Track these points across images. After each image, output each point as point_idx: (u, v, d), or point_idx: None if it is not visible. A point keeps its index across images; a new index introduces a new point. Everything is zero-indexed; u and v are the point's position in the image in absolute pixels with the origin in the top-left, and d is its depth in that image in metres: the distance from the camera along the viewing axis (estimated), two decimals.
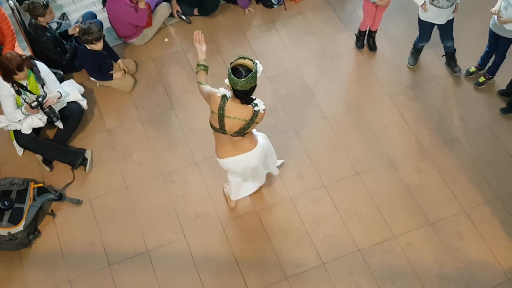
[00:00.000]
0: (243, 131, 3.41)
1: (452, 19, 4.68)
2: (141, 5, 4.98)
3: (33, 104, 4.21)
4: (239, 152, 3.61)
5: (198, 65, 3.56)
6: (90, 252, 4.20)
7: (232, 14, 5.59)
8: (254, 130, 3.65)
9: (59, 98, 4.37)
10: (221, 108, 3.32)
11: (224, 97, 3.32)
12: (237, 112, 3.33)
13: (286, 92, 5.01)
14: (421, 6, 4.57)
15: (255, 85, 3.24)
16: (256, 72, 3.17)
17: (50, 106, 4.30)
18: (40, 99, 4.23)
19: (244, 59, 3.21)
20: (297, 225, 4.30)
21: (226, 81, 3.24)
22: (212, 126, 3.50)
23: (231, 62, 3.23)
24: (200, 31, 3.62)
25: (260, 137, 3.80)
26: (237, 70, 3.19)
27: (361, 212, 4.35)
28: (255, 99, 3.34)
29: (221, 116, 3.35)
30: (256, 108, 3.31)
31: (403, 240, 4.21)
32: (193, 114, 4.88)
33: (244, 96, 3.25)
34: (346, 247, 4.19)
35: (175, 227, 4.30)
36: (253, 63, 3.19)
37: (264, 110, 3.34)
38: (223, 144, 3.59)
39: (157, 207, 4.39)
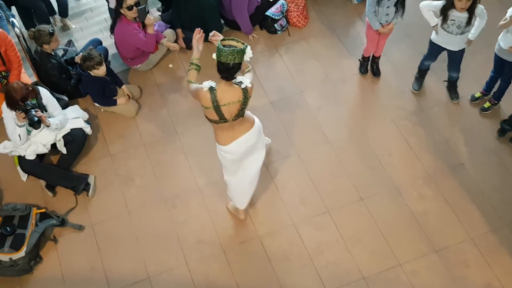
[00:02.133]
0: (242, 112, 3.46)
1: (463, 50, 4.69)
2: (150, 31, 5.05)
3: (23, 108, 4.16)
4: (241, 134, 3.62)
5: (191, 63, 3.58)
6: (91, 278, 4.17)
7: None
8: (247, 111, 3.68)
9: (47, 126, 4.32)
10: (214, 101, 3.35)
11: (211, 89, 3.34)
12: (229, 97, 3.36)
13: (289, 117, 5.01)
14: (433, 27, 4.59)
15: (239, 65, 3.26)
16: (243, 50, 3.20)
17: (30, 112, 4.19)
18: (28, 103, 4.19)
19: (237, 42, 3.25)
20: (300, 252, 4.24)
21: (214, 55, 3.27)
22: (211, 120, 3.51)
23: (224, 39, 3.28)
24: (201, 30, 3.67)
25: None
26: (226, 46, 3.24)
27: (365, 239, 4.28)
28: (239, 80, 3.38)
29: (217, 108, 3.37)
30: (243, 86, 3.35)
31: (409, 268, 4.14)
32: (196, 139, 4.89)
33: (226, 70, 3.26)
34: (350, 275, 4.12)
35: (177, 253, 4.26)
36: (244, 45, 3.23)
37: (251, 84, 3.40)
38: (224, 131, 3.59)
39: (159, 233, 4.37)
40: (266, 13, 5.59)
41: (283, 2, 5.65)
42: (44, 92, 4.47)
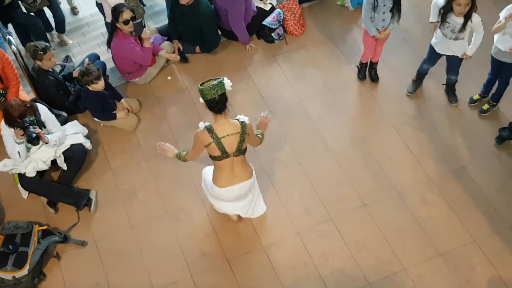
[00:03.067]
0: (242, 146, 3.60)
1: (461, 58, 4.70)
2: (147, 44, 5.06)
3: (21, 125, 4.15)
4: (238, 181, 3.79)
5: (180, 158, 3.88)
6: None
7: (234, 50, 5.66)
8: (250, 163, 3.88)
9: (46, 142, 4.31)
10: (214, 136, 3.52)
11: (208, 126, 3.53)
12: (227, 129, 3.53)
13: (290, 126, 5.02)
14: (430, 23, 4.64)
15: (225, 96, 3.46)
16: (221, 81, 3.41)
17: (28, 128, 4.19)
18: (26, 120, 4.20)
19: (215, 79, 3.47)
20: (305, 260, 4.23)
21: (201, 99, 3.49)
22: (214, 158, 3.66)
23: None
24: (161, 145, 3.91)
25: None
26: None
27: (370, 245, 4.28)
28: (237, 118, 3.59)
29: (218, 142, 3.53)
30: (241, 120, 3.57)
31: (414, 272, 4.13)
32: None
33: (215, 105, 3.44)
34: (355, 282, 4.11)
35: (181, 266, 4.24)
36: (220, 78, 3.46)
37: (248, 120, 3.59)
38: (225, 172, 3.74)
39: (163, 246, 4.35)
40: (263, 23, 5.61)
41: (280, 11, 5.68)
42: (42, 109, 4.46)
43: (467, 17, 4.32)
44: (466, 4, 4.22)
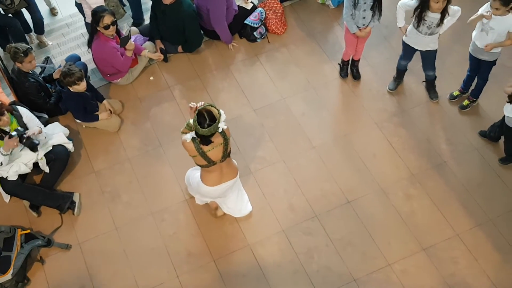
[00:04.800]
0: (226, 152, 3.72)
1: (434, 51, 4.76)
2: (129, 54, 5.04)
3: (12, 133, 4.12)
4: (226, 180, 3.93)
5: (188, 125, 3.74)
6: None
7: (216, 50, 5.65)
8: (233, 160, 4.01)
9: (39, 133, 4.32)
10: (198, 149, 3.61)
11: (194, 139, 3.61)
12: (211, 143, 3.63)
13: (274, 124, 5.03)
14: (399, 28, 4.70)
15: (215, 132, 3.55)
16: (217, 123, 3.51)
17: (28, 136, 4.23)
18: (19, 129, 4.19)
19: (212, 106, 3.53)
20: (291, 258, 4.25)
21: (191, 121, 3.58)
22: (201, 166, 3.78)
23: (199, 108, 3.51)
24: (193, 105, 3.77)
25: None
26: (201, 115, 3.50)
27: (355, 241, 4.32)
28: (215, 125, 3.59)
29: (203, 154, 3.64)
30: (220, 130, 3.61)
31: (398, 267, 4.18)
32: (181, 150, 4.78)
33: (204, 139, 3.56)
34: (341, 278, 4.14)
35: (167, 267, 4.23)
36: (218, 112, 3.53)
37: (226, 125, 3.66)
38: (213, 174, 3.86)
39: (148, 247, 4.33)
40: (245, 22, 5.61)
41: (261, 10, 5.69)
42: (24, 111, 4.41)
43: (444, 11, 4.38)
44: (443, 0, 4.28)
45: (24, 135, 4.20)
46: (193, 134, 3.63)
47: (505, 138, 4.62)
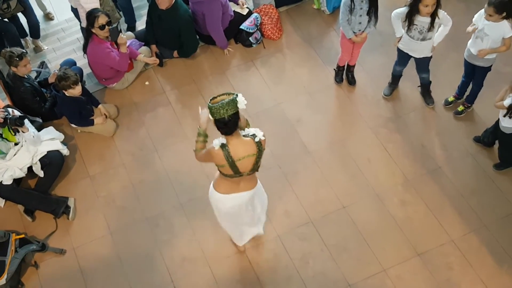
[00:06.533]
0: (257, 165, 3.36)
1: (429, 58, 4.79)
2: (123, 50, 5.03)
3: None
4: (241, 190, 3.52)
5: (200, 134, 3.41)
6: None
7: (212, 55, 5.66)
8: None
9: (26, 131, 4.31)
10: (228, 157, 3.24)
11: (223, 146, 3.23)
12: (243, 151, 3.25)
13: (269, 129, 5.00)
14: (397, 38, 4.74)
15: (236, 116, 3.13)
16: (233, 99, 3.09)
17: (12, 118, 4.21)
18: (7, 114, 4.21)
19: (228, 94, 3.14)
20: (286, 263, 4.24)
21: (210, 116, 3.18)
22: (226, 175, 3.39)
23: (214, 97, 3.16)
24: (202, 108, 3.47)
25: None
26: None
27: (350, 246, 4.31)
28: (253, 133, 3.29)
29: (232, 164, 3.27)
30: (257, 139, 3.26)
31: (393, 273, 4.17)
32: (176, 156, 4.87)
33: (223, 125, 3.14)
34: (336, 284, 4.14)
35: (162, 272, 4.22)
36: (234, 95, 3.13)
37: (264, 136, 3.30)
38: (229, 182, 3.46)
39: (143, 253, 4.32)
40: (241, 27, 5.63)
41: (257, 15, 5.70)
42: (16, 112, 4.40)
43: (433, 15, 4.40)
44: (433, 4, 4.30)
45: (8, 116, 4.17)
46: (222, 140, 3.26)
47: (499, 144, 4.64)
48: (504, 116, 4.27)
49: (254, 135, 3.28)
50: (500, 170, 4.69)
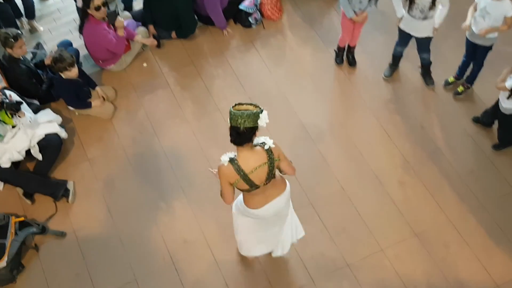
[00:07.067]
0: (272, 174, 3.21)
1: (430, 37, 4.75)
2: (120, 33, 4.97)
3: None
4: (272, 198, 3.38)
5: None
6: (76, 285, 4.11)
7: (211, 36, 5.60)
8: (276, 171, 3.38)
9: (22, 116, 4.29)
10: (239, 171, 3.09)
11: (232, 160, 3.10)
12: (253, 162, 3.11)
13: (268, 111, 4.87)
14: (399, 18, 4.69)
15: (252, 131, 3.00)
16: (256, 113, 2.93)
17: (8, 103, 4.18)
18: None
19: (255, 106, 2.98)
20: None
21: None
22: (242, 190, 3.27)
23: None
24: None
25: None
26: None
27: (349, 227, 4.34)
28: (262, 141, 3.16)
29: (245, 177, 3.12)
30: (266, 147, 3.12)
31: (391, 252, 4.21)
32: (175, 138, 4.86)
33: (235, 134, 3.00)
34: (335, 263, 4.18)
35: (163, 254, 4.24)
36: (259, 109, 2.98)
37: (274, 144, 3.16)
38: (255, 197, 3.33)
39: (144, 235, 4.33)
40: (240, 7, 5.56)
41: None
42: (13, 95, 4.36)
43: None
44: None
45: (5, 100, 4.15)
46: (229, 155, 3.12)
47: (499, 125, 4.64)
48: (508, 98, 4.26)
49: (263, 143, 3.14)
50: (498, 150, 4.71)
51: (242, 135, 2.99)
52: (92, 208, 4.47)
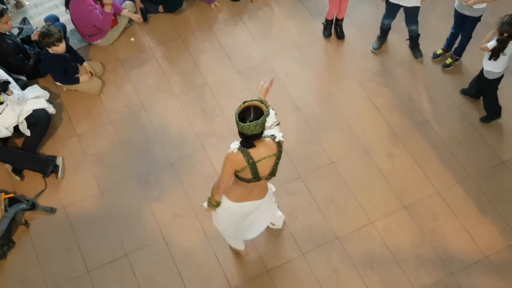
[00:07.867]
0: (276, 168, 3.22)
1: (418, 7, 4.72)
2: (107, 9, 4.91)
3: None
4: (252, 199, 3.40)
5: (212, 205, 3.41)
6: (67, 260, 4.15)
7: (198, 9, 5.54)
8: None
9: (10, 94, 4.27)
10: (249, 158, 3.05)
11: (242, 149, 3.05)
12: (263, 151, 3.08)
13: (257, 85, 4.95)
14: None
15: (260, 134, 3.02)
16: (264, 121, 2.93)
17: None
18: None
19: (261, 102, 2.98)
20: None
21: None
22: (243, 179, 3.20)
23: (244, 102, 3.00)
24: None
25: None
26: (247, 110, 2.97)
27: (338, 200, 4.38)
28: (272, 133, 3.15)
29: (253, 165, 3.08)
30: (277, 140, 3.11)
31: (380, 225, 4.26)
32: (164, 112, 4.84)
33: (245, 139, 3.02)
34: (324, 236, 4.22)
35: (153, 228, 4.27)
36: (266, 107, 2.97)
37: (283, 137, 3.14)
38: (243, 189, 3.30)
39: (134, 210, 4.35)
40: None
41: None
42: (1, 75, 4.32)
43: None
44: None
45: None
46: (238, 144, 3.09)
47: (483, 94, 4.66)
48: (489, 59, 4.26)
49: (273, 136, 3.13)
50: (486, 123, 4.73)
51: (251, 137, 3.02)
52: (81, 184, 4.48)
